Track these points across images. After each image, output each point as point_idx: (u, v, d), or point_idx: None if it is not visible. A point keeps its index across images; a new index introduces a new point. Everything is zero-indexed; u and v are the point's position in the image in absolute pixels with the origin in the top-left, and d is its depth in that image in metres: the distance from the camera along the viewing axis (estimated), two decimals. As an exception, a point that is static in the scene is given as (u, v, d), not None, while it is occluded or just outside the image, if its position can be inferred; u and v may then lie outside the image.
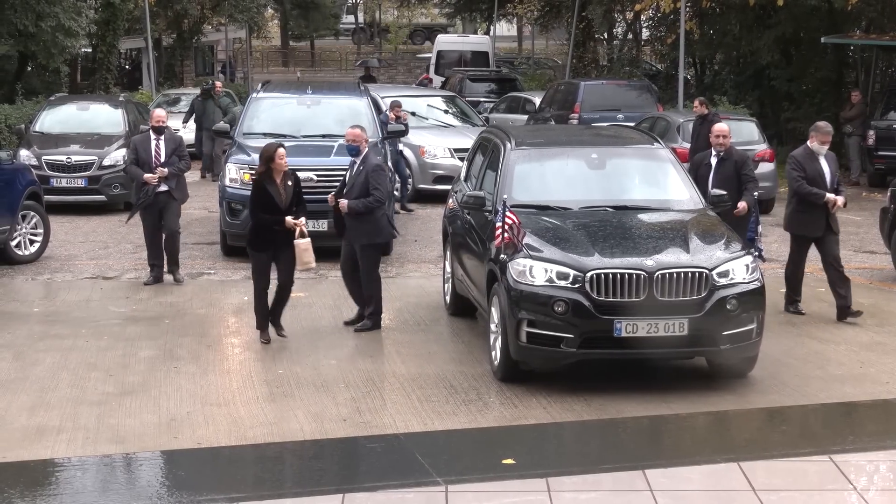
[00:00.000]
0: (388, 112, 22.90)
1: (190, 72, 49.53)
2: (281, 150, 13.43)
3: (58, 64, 32.98)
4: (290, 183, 13.45)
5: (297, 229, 13.21)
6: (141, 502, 6.41)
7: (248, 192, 17.72)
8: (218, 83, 31.96)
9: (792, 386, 10.92)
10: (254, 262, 13.54)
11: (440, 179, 23.64)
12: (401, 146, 23.23)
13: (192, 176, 23.24)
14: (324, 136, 19.18)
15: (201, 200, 23.93)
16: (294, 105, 20.56)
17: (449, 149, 24.49)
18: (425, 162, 24.59)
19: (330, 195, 14.12)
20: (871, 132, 26.76)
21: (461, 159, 19.30)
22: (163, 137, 16.57)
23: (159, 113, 16.91)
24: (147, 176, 16.18)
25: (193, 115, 30.19)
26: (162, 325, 14.13)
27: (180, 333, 13.67)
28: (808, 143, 14.20)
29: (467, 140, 21.25)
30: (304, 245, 13.25)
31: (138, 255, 18.48)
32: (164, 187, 16.39)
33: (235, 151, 18.69)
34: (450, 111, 27.84)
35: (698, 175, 14.20)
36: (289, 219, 13.15)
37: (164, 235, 16.54)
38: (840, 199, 14.04)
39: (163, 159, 16.39)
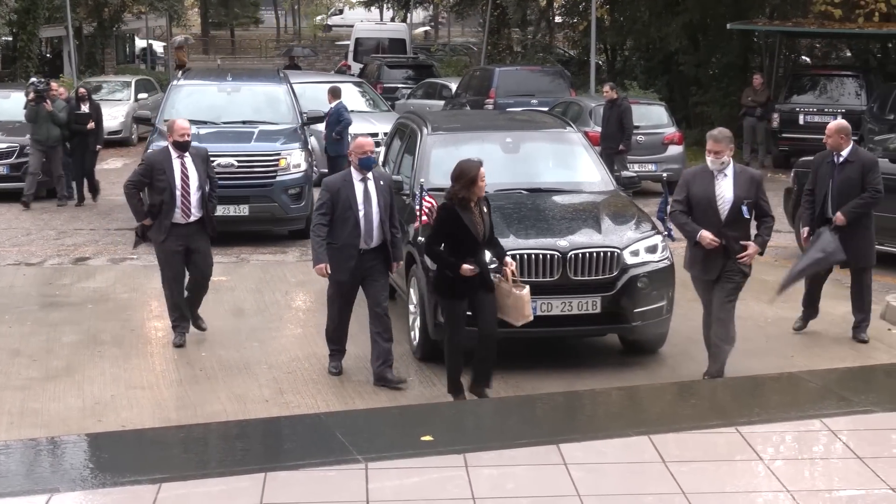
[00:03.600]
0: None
1: (111, 60, 48.89)
2: (482, 171, 10.23)
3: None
4: (485, 209, 10.37)
5: (508, 273, 10.27)
6: (64, 485, 6.35)
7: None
8: (54, 84, 23.34)
9: (701, 361, 11.03)
10: (446, 310, 10.47)
11: None
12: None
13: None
14: (244, 122, 19.18)
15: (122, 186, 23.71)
16: (214, 92, 20.50)
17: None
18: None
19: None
20: (776, 115, 27.06)
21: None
22: (188, 155, 12.24)
23: (183, 124, 12.30)
24: (147, 220, 12.31)
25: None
26: (85, 310, 13.98)
27: (104, 318, 13.53)
28: (707, 157, 10.79)
29: (388, 126, 21.21)
30: (526, 296, 10.15)
31: (61, 241, 18.30)
32: (193, 216, 12.22)
33: (157, 138, 18.56)
34: (364, 97, 27.77)
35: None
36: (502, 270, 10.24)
37: (190, 284, 12.61)
38: (715, 243, 10.50)
39: (193, 186, 12.10)
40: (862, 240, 12.17)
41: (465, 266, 9.99)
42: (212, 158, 17.72)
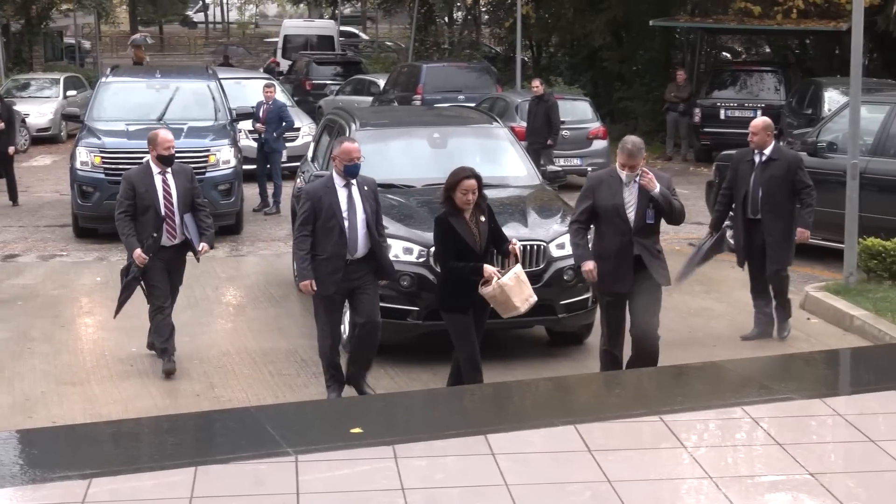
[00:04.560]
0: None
1: (39, 57, 48.29)
2: (468, 182, 9.58)
3: None
4: (482, 218, 9.75)
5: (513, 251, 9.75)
6: (-6, 481, 6.27)
7: (100, 175, 17.66)
8: None
9: (626, 352, 11.09)
10: (451, 327, 9.87)
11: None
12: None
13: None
14: (173, 119, 19.03)
15: (52, 184, 23.50)
16: (143, 89, 20.38)
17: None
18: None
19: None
20: (697, 110, 27.28)
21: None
22: (170, 171, 11.16)
23: (166, 136, 11.24)
24: (138, 256, 10.97)
25: None
26: (15, 307, 13.82)
27: (33, 315, 13.38)
28: (616, 165, 10.03)
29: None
30: (508, 286, 9.55)
31: (-10, 238, 18.08)
32: (174, 239, 11.22)
33: (86, 135, 18.43)
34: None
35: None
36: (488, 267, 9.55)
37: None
38: (588, 266, 9.94)
39: (175, 203, 11.10)
40: (785, 241, 11.97)
41: (487, 267, 9.48)
42: (141, 155, 17.68)
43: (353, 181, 10.15)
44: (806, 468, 6.45)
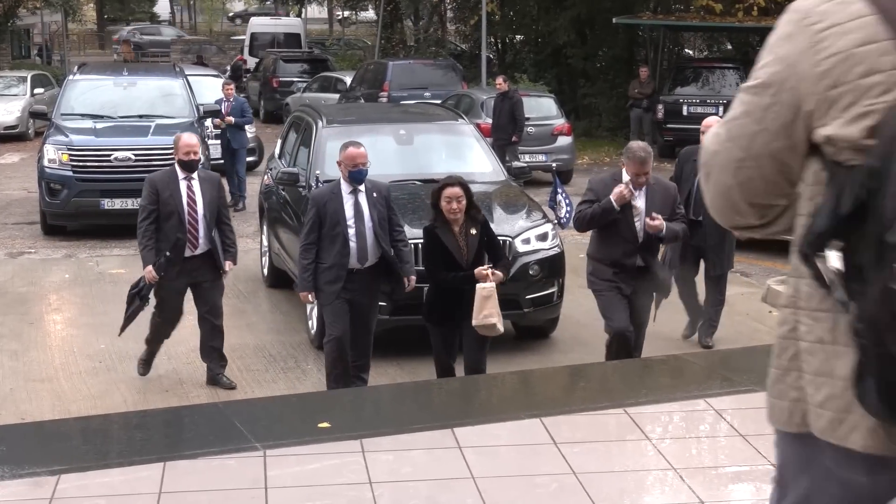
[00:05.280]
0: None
1: (6, 55, 47.95)
2: (451, 190, 9.32)
3: None
4: (474, 231, 9.39)
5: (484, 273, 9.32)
6: (-37, 478, 6.23)
7: (68, 173, 17.56)
8: None
9: (591, 345, 11.12)
10: (433, 338, 9.68)
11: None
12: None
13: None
14: (140, 116, 19.02)
15: (20, 181, 23.36)
16: (111, 86, 20.31)
17: None
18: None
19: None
20: (660, 106, 27.38)
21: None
22: (196, 176, 10.31)
23: (189, 140, 10.37)
24: (148, 272, 10.16)
25: None
26: (-17, 304, 13.73)
27: (2, 312, 13.29)
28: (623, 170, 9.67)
29: None
30: (487, 290, 9.17)
31: (-42, 236, 17.95)
32: (200, 247, 10.34)
33: (53, 133, 18.34)
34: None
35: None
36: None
37: (202, 328, 10.68)
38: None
39: (200, 210, 10.21)
40: (729, 245, 11.54)
41: (479, 270, 9.14)
42: (109, 152, 17.62)
43: (361, 187, 9.75)
44: (768, 459, 6.47)
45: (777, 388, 2.82)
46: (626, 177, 9.51)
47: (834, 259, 2.57)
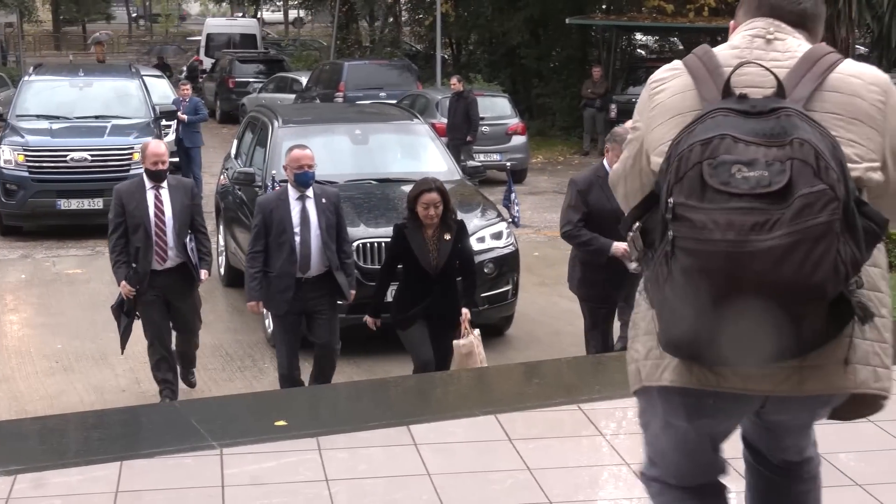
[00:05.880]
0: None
1: (-38, 56, 47.62)
2: (429, 196, 8.86)
3: None
4: (447, 237, 8.96)
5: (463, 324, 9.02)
6: (-81, 480, 6.17)
7: (24, 174, 17.45)
8: None
9: (546, 342, 11.16)
10: (404, 341, 9.31)
11: None
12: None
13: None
14: (97, 116, 18.96)
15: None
16: (67, 87, 20.21)
17: None
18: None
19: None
20: (614, 106, 27.46)
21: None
22: (165, 185, 9.64)
23: (156, 149, 9.68)
24: (123, 287, 9.59)
25: None
26: (-62, 305, 13.61)
27: (-43, 313, 13.19)
28: (604, 160, 8.93)
29: None
30: (465, 347, 8.94)
31: (-87, 237, 17.78)
32: (171, 260, 9.71)
33: (9, 133, 18.26)
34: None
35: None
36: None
37: (176, 338, 10.24)
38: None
39: (168, 221, 9.57)
40: None
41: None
42: (64, 153, 17.52)
43: (309, 193, 9.34)
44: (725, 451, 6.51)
45: (627, 355, 3.62)
46: (608, 168, 8.46)
47: (637, 235, 3.39)
